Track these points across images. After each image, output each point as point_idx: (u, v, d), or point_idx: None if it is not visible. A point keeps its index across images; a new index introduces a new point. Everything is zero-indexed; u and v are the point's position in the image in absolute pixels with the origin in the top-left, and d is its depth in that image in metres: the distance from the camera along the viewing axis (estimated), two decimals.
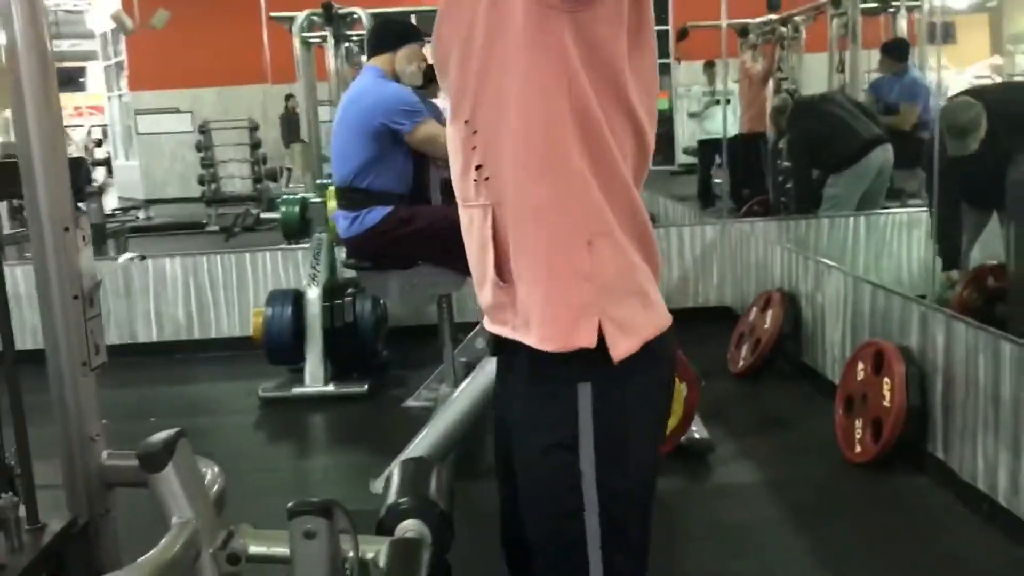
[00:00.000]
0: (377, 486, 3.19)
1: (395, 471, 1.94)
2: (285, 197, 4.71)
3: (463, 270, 3.66)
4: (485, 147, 1.28)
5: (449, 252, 3.68)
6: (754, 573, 2.68)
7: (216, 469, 1.82)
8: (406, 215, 3.62)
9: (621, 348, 1.25)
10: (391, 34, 3.77)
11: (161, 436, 1.60)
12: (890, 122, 5.56)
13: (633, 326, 1.27)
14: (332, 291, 4.45)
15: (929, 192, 4.06)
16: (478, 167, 1.30)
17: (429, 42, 1.47)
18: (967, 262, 4.17)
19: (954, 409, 2.97)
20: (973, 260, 4.20)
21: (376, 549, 1.61)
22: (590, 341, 1.25)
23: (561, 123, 1.23)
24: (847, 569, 2.65)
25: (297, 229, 4.63)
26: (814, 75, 7.81)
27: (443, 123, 3.37)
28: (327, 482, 3.56)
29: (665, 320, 1.34)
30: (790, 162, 6.05)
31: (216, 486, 1.77)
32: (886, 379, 3.18)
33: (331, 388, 4.39)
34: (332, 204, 4.04)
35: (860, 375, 3.38)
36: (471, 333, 4.00)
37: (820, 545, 2.79)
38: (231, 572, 1.60)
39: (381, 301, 4.53)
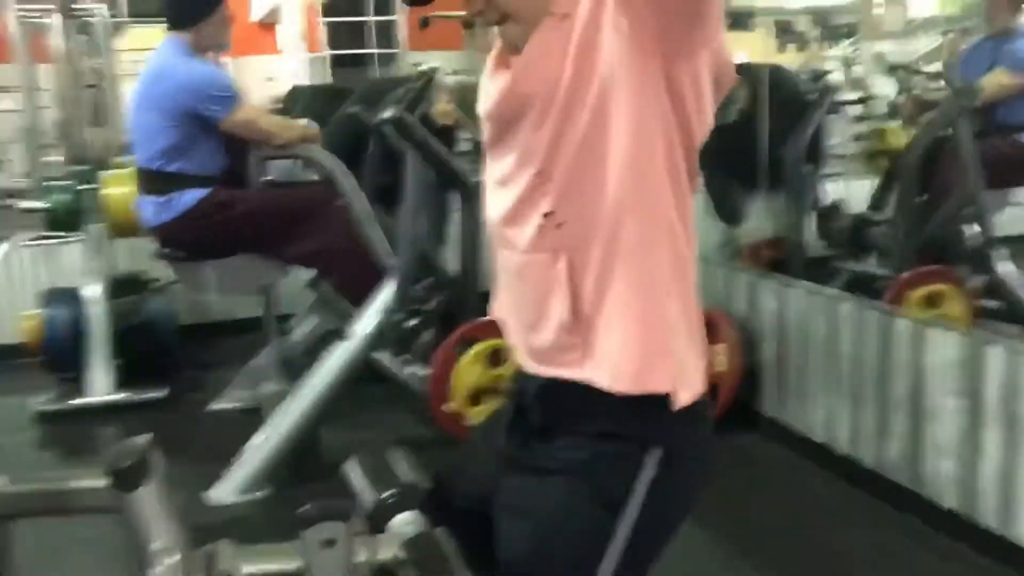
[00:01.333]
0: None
1: (353, 465, 1.76)
2: (50, 184, 4.14)
3: (287, 257, 3.48)
4: (561, 194, 1.27)
5: (274, 238, 3.46)
6: None
7: None
8: (225, 199, 3.32)
9: (683, 397, 1.28)
10: (195, 3, 3.40)
11: (130, 445, 1.34)
12: None
13: (694, 382, 1.31)
14: (120, 287, 3.98)
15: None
16: (548, 214, 1.28)
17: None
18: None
19: (788, 369, 3.22)
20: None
21: (391, 551, 1.45)
22: (663, 387, 1.27)
23: (657, 171, 1.25)
24: (700, 521, 2.73)
25: (68, 220, 4.07)
26: None
27: None
28: None
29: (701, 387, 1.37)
30: None
31: None
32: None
33: (123, 395, 3.93)
34: (125, 189, 3.62)
35: None
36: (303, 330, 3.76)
37: None
38: None
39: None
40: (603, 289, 1.28)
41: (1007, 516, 2.47)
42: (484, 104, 1.40)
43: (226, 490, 3.06)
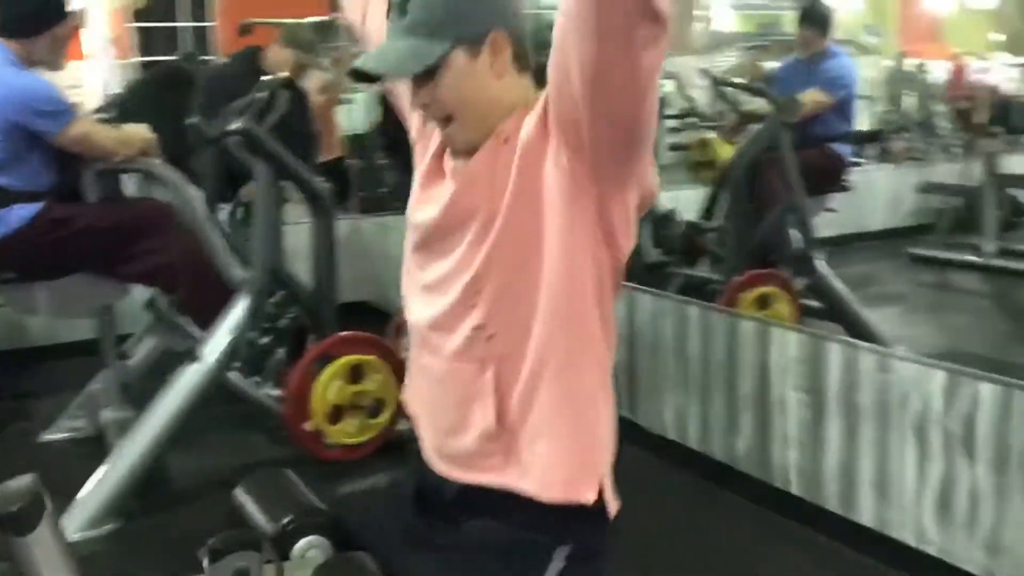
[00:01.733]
0: None
1: (244, 491, 1.70)
2: None
3: (128, 275, 3.29)
4: (491, 307, 1.32)
5: (112, 255, 3.26)
6: None
7: None
8: (61, 215, 3.10)
9: (612, 507, 1.38)
10: (35, 13, 3.13)
11: (15, 487, 1.24)
12: None
13: (612, 484, 1.39)
14: None
15: None
16: (479, 327, 1.33)
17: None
18: None
19: (639, 372, 3.36)
20: None
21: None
22: (591, 496, 1.33)
23: (586, 290, 1.32)
24: None
25: None
26: None
27: None
28: None
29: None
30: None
31: None
32: None
33: None
34: None
35: None
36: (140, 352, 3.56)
37: None
38: None
39: None
40: (530, 400, 1.33)
41: (849, 499, 2.68)
42: (422, 210, 1.43)
43: (70, 526, 2.85)
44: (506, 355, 1.33)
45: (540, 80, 1.33)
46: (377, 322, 4.67)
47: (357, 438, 3.29)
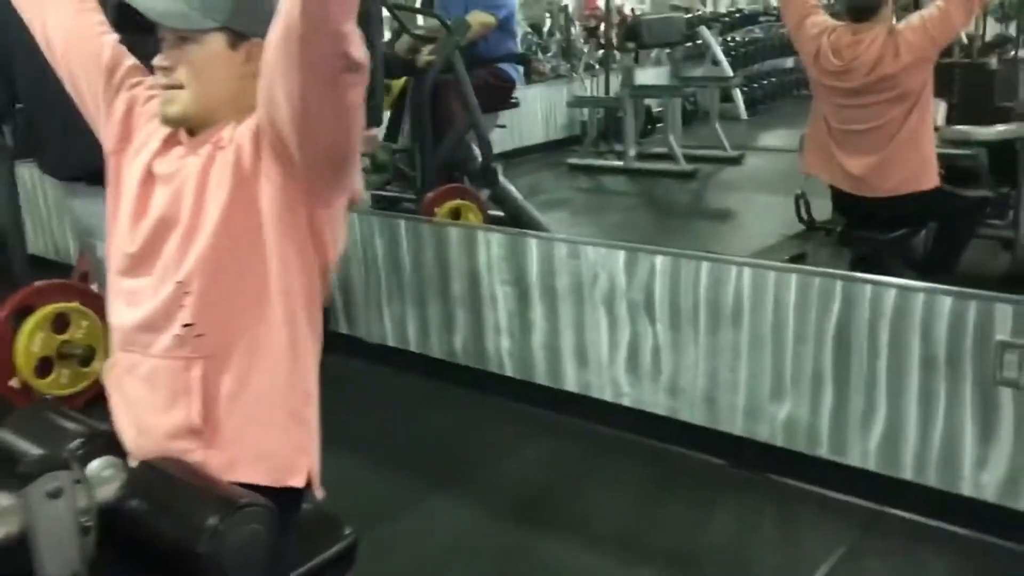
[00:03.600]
0: None
1: (9, 428, 1.67)
2: None
3: None
4: (201, 308, 1.40)
5: None
6: None
7: None
8: None
9: (318, 491, 1.49)
10: None
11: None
12: None
13: (315, 470, 1.49)
14: None
15: None
16: (187, 325, 1.40)
17: None
18: None
19: (353, 288, 3.53)
20: None
21: (109, 492, 1.46)
22: (300, 480, 1.45)
23: (296, 291, 1.42)
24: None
25: None
26: None
27: None
28: None
29: None
30: None
31: None
32: None
33: None
34: None
35: None
36: None
37: None
38: None
39: None
40: (238, 396, 1.42)
41: (555, 372, 3.07)
42: (131, 218, 1.46)
43: None
44: (214, 352, 1.40)
45: None
46: (53, 274, 4.41)
47: (70, 388, 3.17)
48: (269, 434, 1.44)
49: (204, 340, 1.40)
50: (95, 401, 3.19)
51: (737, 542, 2.45)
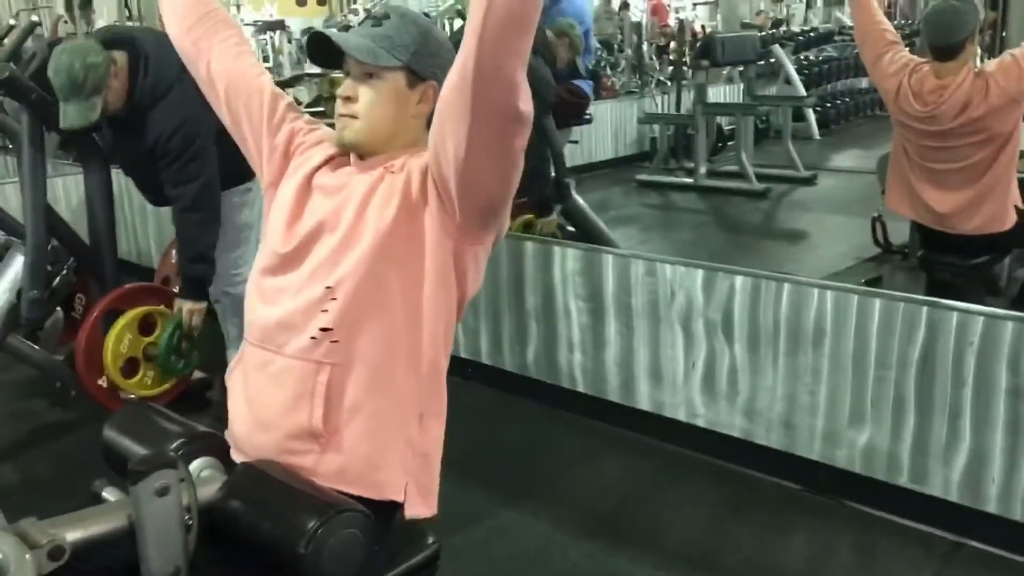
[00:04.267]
0: None
1: (115, 427, 1.73)
2: None
3: None
4: (343, 315, 1.45)
5: None
6: None
7: None
8: None
9: (416, 509, 1.51)
10: None
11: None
12: None
13: (431, 493, 1.54)
14: None
15: None
16: (326, 328, 1.45)
17: None
18: None
19: None
20: None
21: (210, 492, 1.51)
22: (399, 496, 1.49)
23: (433, 318, 1.47)
24: None
25: None
26: None
27: None
28: None
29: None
30: None
31: None
32: None
33: None
34: None
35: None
36: None
37: None
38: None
39: None
40: (358, 406, 1.46)
41: (629, 390, 3.07)
42: (289, 217, 1.54)
43: None
44: (344, 360, 1.44)
45: None
46: (137, 277, 4.54)
47: (154, 389, 3.26)
48: (381, 449, 1.47)
49: (338, 347, 1.45)
50: (178, 401, 3.31)
51: (812, 568, 2.42)
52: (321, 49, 1.53)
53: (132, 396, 3.18)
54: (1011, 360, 2.31)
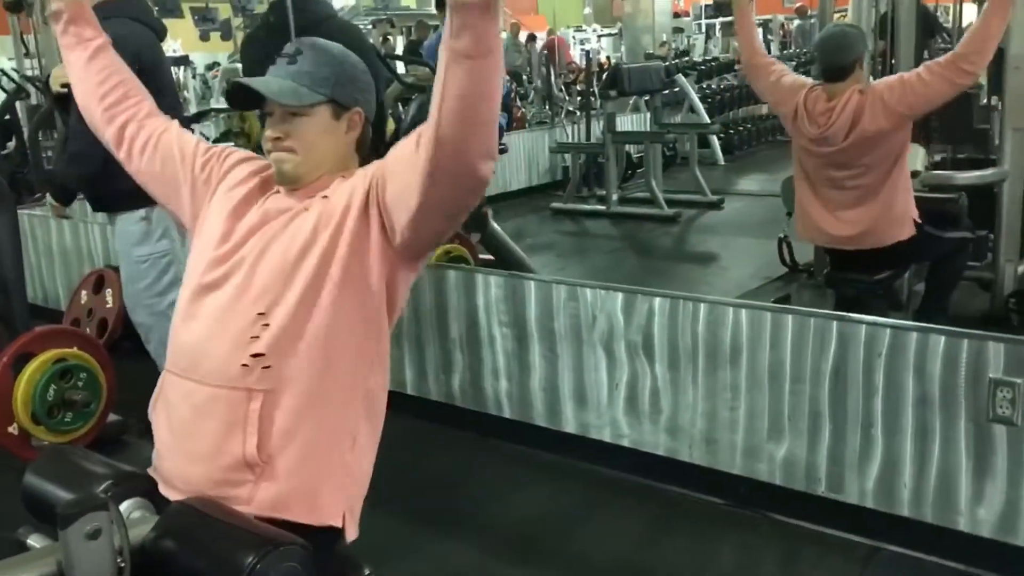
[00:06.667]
0: None
1: (36, 472, 1.68)
2: None
3: None
4: (275, 341, 1.45)
5: None
6: None
7: None
8: None
9: (350, 532, 1.53)
10: None
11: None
12: None
13: (357, 515, 1.55)
14: None
15: None
16: (257, 355, 1.45)
17: None
18: None
19: None
20: None
21: (142, 533, 1.48)
22: (339, 521, 1.50)
23: (365, 338, 1.50)
24: None
25: None
26: None
27: None
28: None
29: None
30: None
31: None
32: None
33: None
34: None
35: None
36: None
37: None
38: None
39: None
40: (292, 433, 1.46)
41: (554, 413, 3.11)
42: (218, 241, 1.54)
43: None
44: (276, 387, 1.44)
45: None
46: (45, 320, 4.40)
47: (67, 435, 3.16)
48: (318, 474, 1.47)
49: (270, 373, 1.44)
50: (94, 446, 3.21)
51: None
52: (239, 94, 1.55)
53: (44, 443, 3.08)
54: (917, 368, 2.42)
